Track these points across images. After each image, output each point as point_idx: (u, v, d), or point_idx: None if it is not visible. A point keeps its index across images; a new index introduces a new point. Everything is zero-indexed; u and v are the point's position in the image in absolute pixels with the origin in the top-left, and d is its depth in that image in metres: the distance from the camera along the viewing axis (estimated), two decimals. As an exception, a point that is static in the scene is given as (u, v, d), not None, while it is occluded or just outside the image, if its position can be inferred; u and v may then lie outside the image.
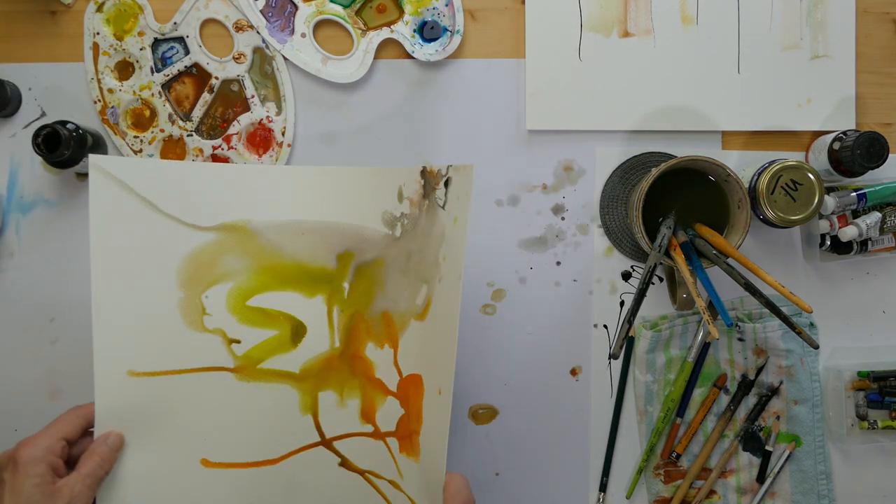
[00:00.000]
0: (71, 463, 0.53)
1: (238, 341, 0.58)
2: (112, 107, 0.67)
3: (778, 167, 0.60)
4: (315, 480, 0.58)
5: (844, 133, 0.62)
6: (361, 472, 0.58)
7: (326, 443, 0.58)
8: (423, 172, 0.57)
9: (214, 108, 0.68)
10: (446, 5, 0.66)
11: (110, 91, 0.67)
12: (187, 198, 0.57)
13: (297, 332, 0.59)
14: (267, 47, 0.67)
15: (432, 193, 0.56)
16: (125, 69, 0.68)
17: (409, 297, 0.57)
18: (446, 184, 0.55)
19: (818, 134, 0.67)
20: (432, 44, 0.67)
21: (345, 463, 0.58)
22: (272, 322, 0.58)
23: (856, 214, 0.65)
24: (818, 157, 0.64)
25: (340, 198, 0.58)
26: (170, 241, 0.57)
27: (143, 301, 0.56)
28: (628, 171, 0.67)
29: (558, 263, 0.68)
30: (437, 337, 0.54)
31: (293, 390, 0.58)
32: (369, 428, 0.58)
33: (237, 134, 0.67)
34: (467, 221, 0.52)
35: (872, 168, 0.60)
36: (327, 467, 0.58)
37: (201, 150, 0.67)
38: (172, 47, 0.67)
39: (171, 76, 0.67)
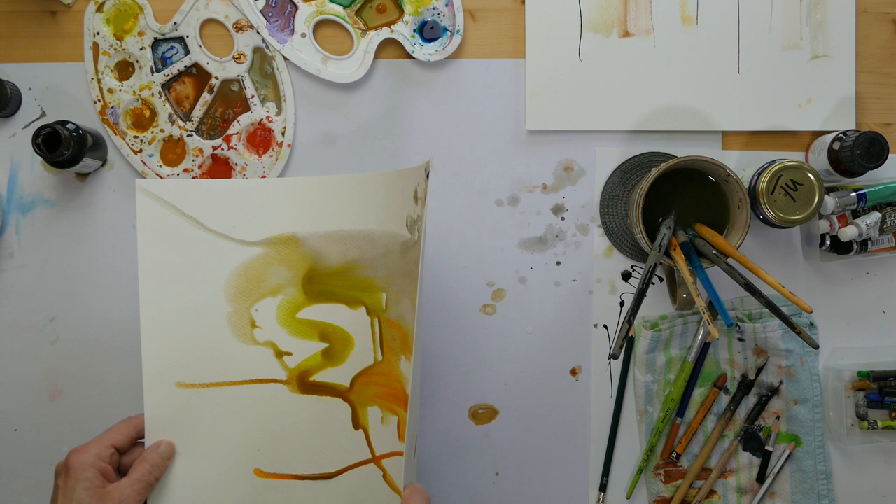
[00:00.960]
0: (123, 472, 0.54)
1: (290, 354, 0.58)
2: (112, 107, 0.67)
3: (778, 167, 0.60)
4: (371, 499, 0.58)
5: (844, 133, 0.62)
6: (398, 491, 0.57)
7: (376, 460, 0.58)
8: (426, 169, 0.55)
9: (214, 108, 0.68)
10: (446, 5, 0.66)
11: (110, 91, 0.67)
12: (233, 214, 0.58)
13: (346, 344, 0.59)
14: (267, 47, 0.67)
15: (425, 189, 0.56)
16: (125, 69, 0.68)
17: (412, 305, 0.56)
18: (426, 178, 0.55)
19: (818, 134, 0.67)
20: (432, 44, 0.67)
21: (390, 482, 0.58)
22: (322, 335, 0.59)
23: (856, 214, 0.65)
24: (818, 157, 0.64)
25: (373, 204, 0.58)
26: (217, 256, 0.58)
27: (190, 315, 0.57)
28: (628, 171, 0.67)
29: (558, 263, 0.68)
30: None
31: (344, 404, 0.58)
32: (402, 447, 0.57)
33: (237, 134, 0.67)
34: (424, 225, 0.55)
35: (872, 168, 0.60)
36: (379, 487, 0.58)
37: (201, 150, 0.67)
38: (172, 47, 0.67)
39: (171, 76, 0.67)
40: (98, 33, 0.67)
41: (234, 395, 0.58)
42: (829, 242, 0.65)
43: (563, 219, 0.68)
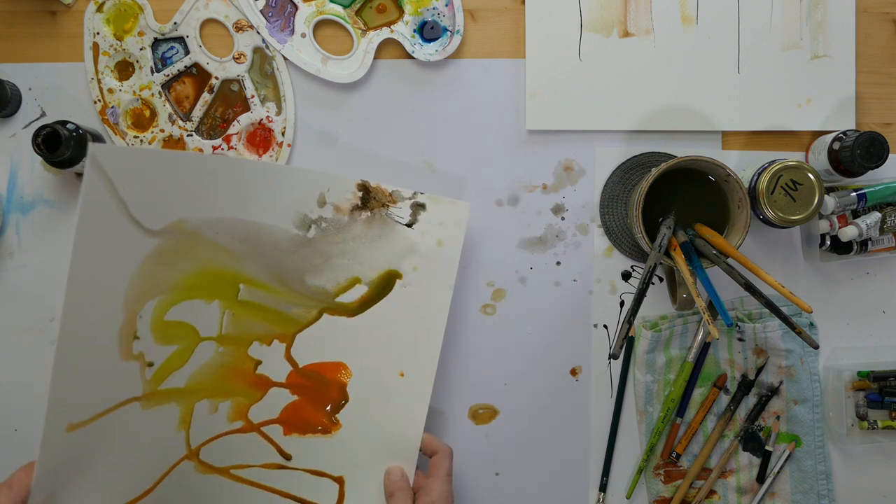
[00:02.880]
0: None
1: (151, 364, 0.56)
2: (112, 107, 0.67)
3: (778, 167, 0.60)
4: (178, 497, 0.58)
5: (844, 133, 0.63)
6: (220, 471, 0.59)
7: (190, 454, 0.58)
8: (364, 187, 0.60)
9: (214, 108, 0.68)
10: (446, 5, 0.66)
11: (110, 91, 0.67)
12: (153, 195, 0.54)
13: (192, 342, 0.58)
14: (267, 47, 0.67)
15: (379, 208, 0.60)
16: (125, 69, 0.68)
17: (321, 295, 0.61)
18: (417, 206, 0.61)
19: (818, 134, 0.67)
20: (432, 44, 0.67)
21: (203, 468, 0.59)
22: (177, 336, 0.57)
23: (856, 214, 0.65)
24: (818, 157, 0.64)
25: (253, 194, 0.58)
26: (129, 252, 0.54)
27: (91, 332, 0.52)
28: (628, 171, 0.67)
29: (558, 263, 0.68)
30: (397, 329, 0.61)
31: (176, 407, 0.57)
32: (238, 424, 0.59)
33: (237, 134, 0.67)
34: (459, 245, 0.61)
35: (872, 168, 0.60)
36: (188, 478, 0.58)
37: (201, 151, 0.67)
38: (172, 47, 0.67)
39: (171, 76, 0.67)
40: (98, 33, 0.67)
41: (103, 427, 0.54)
42: (829, 242, 0.65)
43: (563, 219, 0.68)
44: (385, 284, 0.61)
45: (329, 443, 0.61)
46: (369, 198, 0.60)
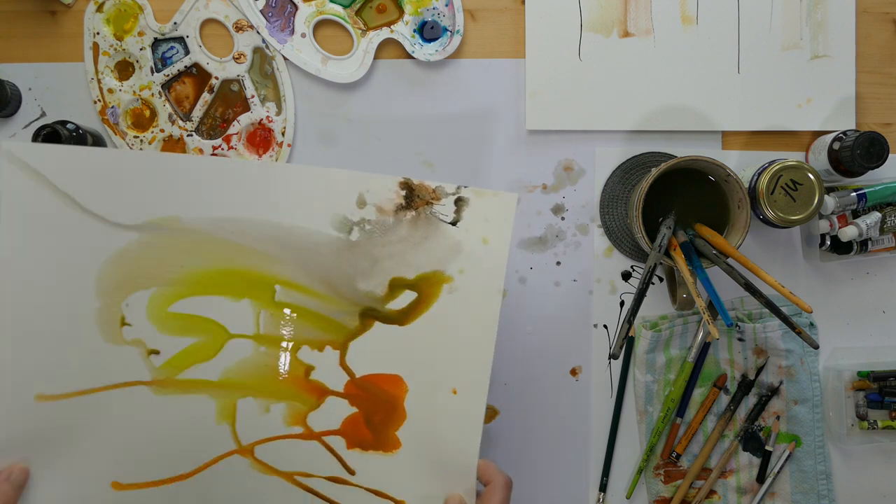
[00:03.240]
0: None
1: (157, 352, 0.56)
2: (112, 107, 0.67)
3: (778, 167, 0.60)
4: (229, 490, 0.57)
5: (844, 133, 0.63)
6: (284, 475, 0.58)
7: (242, 450, 0.57)
8: (407, 184, 0.57)
9: (214, 108, 0.68)
10: (446, 5, 0.66)
11: (110, 91, 0.67)
12: (115, 191, 0.54)
13: (220, 338, 0.57)
14: (267, 47, 0.67)
15: (424, 206, 0.57)
16: (125, 69, 0.68)
17: (372, 301, 0.57)
18: (460, 201, 0.56)
19: (818, 134, 0.67)
20: (432, 44, 0.67)
21: (262, 468, 0.58)
22: (195, 329, 0.56)
23: (856, 214, 0.65)
24: (818, 157, 0.64)
25: (279, 196, 0.57)
26: (90, 243, 0.54)
27: (55, 313, 0.53)
28: (628, 171, 0.67)
29: (558, 263, 0.68)
30: (446, 340, 0.56)
31: (210, 399, 0.57)
32: (298, 430, 0.57)
33: (237, 134, 0.67)
34: (507, 243, 0.55)
35: (872, 168, 0.60)
36: (243, 475, 0.57)
37: (201, 150, 0.67)
38: (172, 47, 0.67)
39: (171, 76, 0.67)
40: (98, 33, 0.67)
41: (96, 404, 0.54)
42: (829, 242, 0.65)
43: (563, 219, 0.68)
44: (432, 289, 0.58)
45: (390, 462, 0.58)
46: (413, 196, 0.57)
